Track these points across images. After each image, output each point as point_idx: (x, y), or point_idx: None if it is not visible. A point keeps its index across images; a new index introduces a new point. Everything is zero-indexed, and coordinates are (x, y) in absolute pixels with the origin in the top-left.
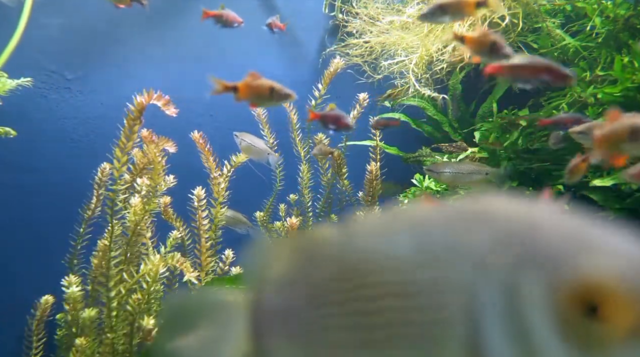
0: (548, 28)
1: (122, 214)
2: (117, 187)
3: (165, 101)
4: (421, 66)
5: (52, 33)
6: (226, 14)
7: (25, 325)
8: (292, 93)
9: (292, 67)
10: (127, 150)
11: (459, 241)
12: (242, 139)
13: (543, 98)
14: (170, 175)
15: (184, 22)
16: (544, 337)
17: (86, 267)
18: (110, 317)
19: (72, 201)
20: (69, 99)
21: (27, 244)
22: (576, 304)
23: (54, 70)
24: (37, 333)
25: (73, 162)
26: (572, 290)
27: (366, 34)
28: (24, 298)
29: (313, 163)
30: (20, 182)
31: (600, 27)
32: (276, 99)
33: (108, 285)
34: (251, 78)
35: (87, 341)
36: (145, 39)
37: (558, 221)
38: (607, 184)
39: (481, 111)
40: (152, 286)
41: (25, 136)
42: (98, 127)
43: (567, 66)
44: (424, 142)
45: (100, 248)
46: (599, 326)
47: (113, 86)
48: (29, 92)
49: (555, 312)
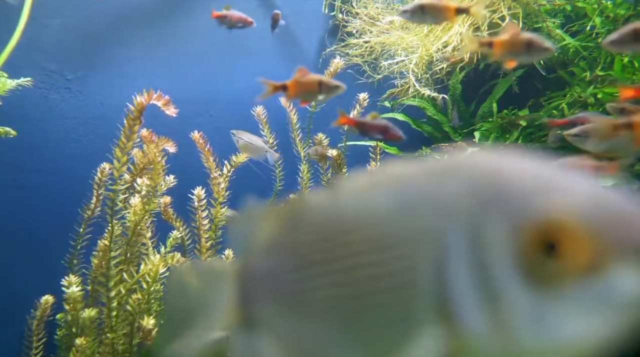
0: (548, 28)
1: (122, 214)
2: (117, 187)
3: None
4: (421, 66)
5: (52, 33)
6: (230, 15)
7: (25, 325)
8: (340, 84)
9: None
10: (127, 150)
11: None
12: (239, 137)
13: (543, 98)
14: (170, 175)
15: (184, 22)
16: (506, 278)
17: (86, 267)
18: (110, 317)
19: (72, 201)
20: (69, 99)
21: (27, 244)
22: (535, 243)
23: (54, 70)
24: (37, 333)
25: (73, 162)
26: (530, 229)
27: (366, 34)
28: (24, 298)
29: (313, 163)
30: (20, 182)
31: (600, 27)
32: (325, 92)
33: (108, 285)
34: (300, 74)
35: (87, 341)
36: (145, 39)
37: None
38: (606, 184)
39: (481, 111)
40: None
41: (25, 136)
42: (98, 127)
43: (567, 66)
44: (424, 142)
45: (100, 248)
46: (557, 263)
47: (113, 86)
48: (29, 92)
49: (515, 252)
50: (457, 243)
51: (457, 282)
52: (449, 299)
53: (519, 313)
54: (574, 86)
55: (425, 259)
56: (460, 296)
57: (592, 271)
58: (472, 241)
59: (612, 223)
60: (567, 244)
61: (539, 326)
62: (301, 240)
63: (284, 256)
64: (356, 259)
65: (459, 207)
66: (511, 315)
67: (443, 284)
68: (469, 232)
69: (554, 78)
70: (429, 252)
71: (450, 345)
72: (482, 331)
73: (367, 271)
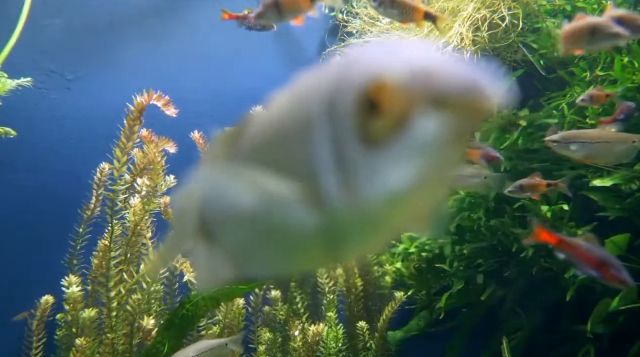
0: (548, 28)
1: (122, 214)
2: (117, 187)
3: (165, 101)
4: None
5: (52, 33)
6: (250, 17)
7: (25, 325)
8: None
9: (292, 67)
10: (127, 150)
11: (313, 84)
12: None
13: (543, 98)
14: (170, 175)
15: (184, 22)
16: (349, 143)
17: (86, 267)
18: (110, 317)
19: (72, 201)
20: (69, 99)
21: (27, 244)
22: (361, 105)
23: (54, 70)
24: (37, 333)
25: (73, 162)
26: (357, 93)
27: (366, 34)
28: (24, 298)
29: None
30: (20, 182)
31: None
32: None
33: (108, 285)
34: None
35: (87, 341)
36: (145, 39)
37: (378, 49)
38: (607, 184)
39: None
40: (152, 286)
41: (25, 136)
42: (98, 127)
43: (567, 66)
44: None
45: (100, 248)
46: (380, 120)
47: (113, 86)
48: (29, 92)
49: (352, 118)
50: (322, 122)
51: (321, 156)
52: (315, 172)
53: (359, 174)
54: (574, 86)
55: (305, 140)
56: (322, 167)
57: (403, 122)
58: (330, 117)
59: (419, 78)
60: (384, 101)
61: (373, 181)
62: (237, 152)
63: (226, 168)
64: (267, 150)
65: (324, 90)
66: (355, 177)
67: (314, 159)
68: (328, 110)
69: (554, 78)
70: (306, 133)
71: (318, 214)
72: (339, 198)
73: (275, 153)
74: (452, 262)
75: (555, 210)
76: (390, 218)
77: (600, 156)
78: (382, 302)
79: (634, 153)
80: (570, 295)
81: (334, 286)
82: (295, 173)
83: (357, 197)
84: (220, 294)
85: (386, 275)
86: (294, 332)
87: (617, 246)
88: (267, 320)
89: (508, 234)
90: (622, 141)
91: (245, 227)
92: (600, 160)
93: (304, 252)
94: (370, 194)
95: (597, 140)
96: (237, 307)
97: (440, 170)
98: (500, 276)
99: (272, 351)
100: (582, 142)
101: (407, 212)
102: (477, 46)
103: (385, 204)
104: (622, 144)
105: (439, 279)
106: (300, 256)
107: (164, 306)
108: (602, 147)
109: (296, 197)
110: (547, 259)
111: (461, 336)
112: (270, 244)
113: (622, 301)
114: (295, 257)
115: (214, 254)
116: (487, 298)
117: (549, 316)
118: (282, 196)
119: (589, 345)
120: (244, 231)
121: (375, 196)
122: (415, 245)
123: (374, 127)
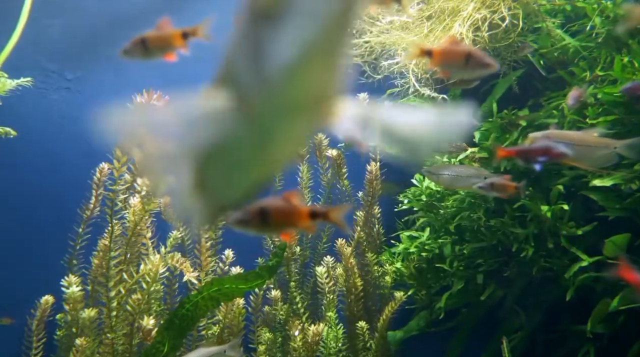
0: (548, 28)
1: (122, 214)
2: (116, 187)
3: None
4: (421, 66)
5: (52, 33)
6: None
7: (25, 325)
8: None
9: None
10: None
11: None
12: None
13: (543, 98)
14: None
15: (184, 22)
16: (249, 30)
17: (86, 267)
18: (110, 317)
19: (72, 201)
20: (69, 99)
21: (27, 244)
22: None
23: (54, 70)
24: (37, 333)
25: (73, 162)
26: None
27: (366, 34)
28: (24, 298)
29: (313, 163)
30: (20, 182)
31: (600, 27)
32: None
33: (108, 285)
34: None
35: (87, 341)
36: None
37: None
38: (607, 184)
39: (481, 111)
40: (152, 286)
41: (25, 136)
42: None
43: (567, 66)
44: None
45: (100, 248)
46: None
47: (113, 86)
48: (29, 92)
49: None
50: (239, 24)
51: (238, 54)
52: (232, 64)
53: (260, 49)
54: (574, 86)
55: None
56: (239, 65)
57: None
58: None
59: None
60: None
61: (273, 53)
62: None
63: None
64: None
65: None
66: (258, 52)
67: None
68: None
69: (554, 78)
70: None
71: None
72: (254, 85)
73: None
74: (452, 262)
75: (555, 210)
76: (297, 94)
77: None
78: (382, 302)
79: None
80: (570, 295)
81: (334, 286)
82: (223, 79)
83: (264, 74)
84: (220, 294)
85: (386, 275)
86: (294, 332)
87: (617, 246)
88: (267, 320)
89: (508, 234)
90: (604, 146)
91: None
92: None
93: (247, 161)
94: (272, 66)
95: (580, 143)
96: (237, 307)
97: (334, 38)
98: (500, 275)
99: (272, 351)
100: (565, 143)
101: (310, 87)
102: (477, 46)
103: (287, 74)
104: (604, 149)
105: (439, 279)
106: (244, 165)
107: (164, 306)
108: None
109: (225, 105)
110: (547, 259)
111: (461, 336)
112: (219, 162)
113: (622, 301)
114: (240, 168)
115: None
116: (487, 298)
117: (548, 315)
118: (215, 110)
119: (589, 345)
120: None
121: (277, 67)
122: (415, 245)
123: (264, 4)
